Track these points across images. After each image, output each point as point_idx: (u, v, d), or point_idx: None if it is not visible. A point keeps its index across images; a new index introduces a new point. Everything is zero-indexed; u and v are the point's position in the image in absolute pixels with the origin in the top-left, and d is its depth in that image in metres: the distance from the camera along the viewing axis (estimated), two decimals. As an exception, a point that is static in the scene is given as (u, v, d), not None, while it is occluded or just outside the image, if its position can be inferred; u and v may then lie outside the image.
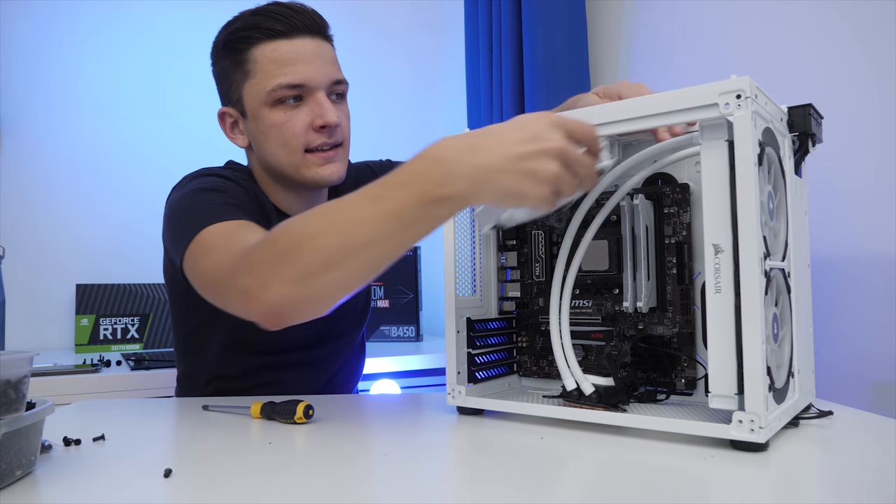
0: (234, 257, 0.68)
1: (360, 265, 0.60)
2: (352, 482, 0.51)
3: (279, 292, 0.61)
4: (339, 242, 0.59)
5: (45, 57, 1.81)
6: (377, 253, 0.59)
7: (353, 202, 0.60)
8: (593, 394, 0.64)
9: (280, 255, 0.61)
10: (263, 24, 0.87)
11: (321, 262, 0.59)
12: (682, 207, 0.70)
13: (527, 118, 0.58)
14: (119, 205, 1.86)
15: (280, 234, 0.63)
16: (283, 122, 0.88)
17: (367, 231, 0.58)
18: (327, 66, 0.90)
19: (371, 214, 0.58)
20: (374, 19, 2.17)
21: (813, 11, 1.08)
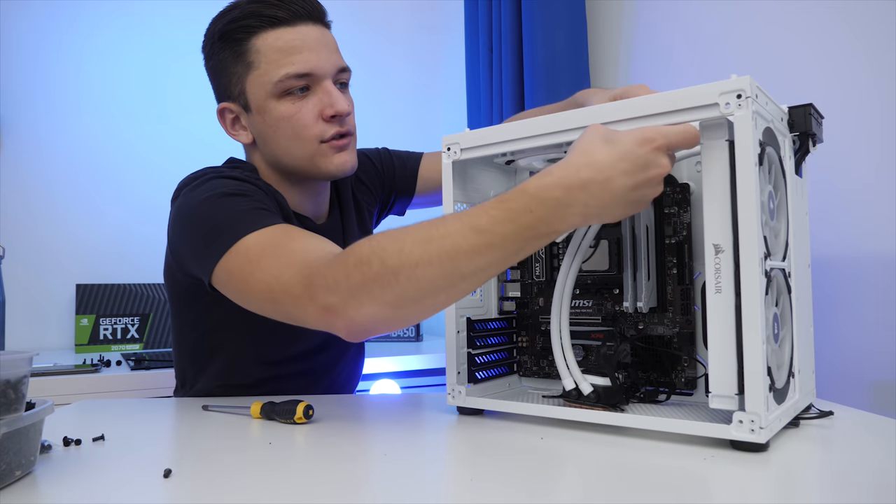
0: (301, 270, 0.66)
1: (460, 291, 0.62)
2: (352, 482, 0.51)
3: (372, 312, 0.61)
4: (442, 273, 0.59)
5: (45, 57, 1.81)
6: (478, 280, 0.61)
7: (456, 232, 0.59)
8: (592, 394, 0.64)
9: (375, 279, 0.60)
10: (264, 11, 0.83)
11: (422, 290, 0.60)
12: (682, 207, 0.70)
13: (626, 140, 0.57)
14: (119, 205, 1.86)
15: (370, 256, 0.61)
16: (292, 114, 0.85)
17: (471, 263, 0.59)
18: (332, 53, 0.87)
19: (475, 247, 0.58)
20: (374, 19, 2.17)
21: (813, 11, 1.08)
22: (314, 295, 0.64)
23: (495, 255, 0.59)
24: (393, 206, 1.13)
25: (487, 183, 0.81)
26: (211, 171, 0.88)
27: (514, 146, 0.68)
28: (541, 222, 0.57)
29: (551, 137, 0.65)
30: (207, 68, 0.91)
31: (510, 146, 0.69)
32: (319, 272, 0.64)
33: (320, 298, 0.63)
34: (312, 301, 0.64)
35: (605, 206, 0.57)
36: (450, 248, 0.59)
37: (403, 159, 1.11)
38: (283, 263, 0.68)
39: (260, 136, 0.89)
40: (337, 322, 0.63)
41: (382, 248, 0.62)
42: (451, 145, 0.73)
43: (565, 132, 0.64)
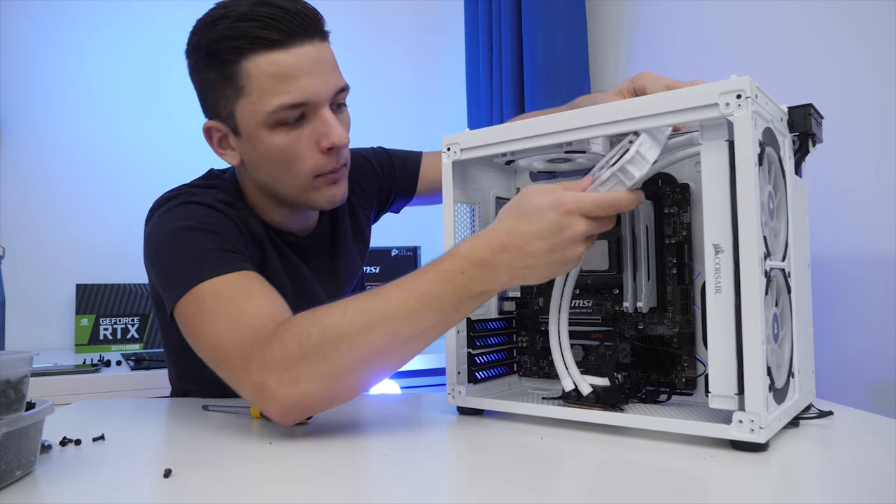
0: (242, 338, 0.65)
1: (402, 356, 0.63)
2: (352, 482, 0.51)
3: (307, 388, 0.61)
4: (384, 339, 0.61)
5: (44, 57, 1.81)
6: (420, 343, 0.63)
7: (396, 298, 0.61)
8: (591, 394, 0.64)
9: (315, 350, 0.60)
10: (256, 32, 0.74)
11: (363, 358, 0.61)
12: (682, 207, 0.70)
13: (539, 206, 0.60)
14: (119, 205, 1.86)
15: (310, 328, 0.61)
16: (286, 146, 0.78)
17: (412, 326, 0.61)
18: (330, 74, 0.79)
19: (414, 311, 0.61)
20: (374, 19, 2.17)
21: (813, 12, 1.08)
22: (248, 369, 0.62)
23: (434, 316, 0.61)
24: (392, 206, 1.12)
25: (487, 183, 0.81)
26: (184, 192, 0.85)
27: (514, 146, 0.68)
28: (473, 282, 0.61)
29: (551, 137, 0.65)
30: (192, 80, 0.83)
31: (510, 146, 0.69)
32: (258, 345, 0.63)
33: (254, 375, 0.62)
34: (245, 375, 0.63)
35: (528, 268, 0.60)
36: (391, 314, 0.61)
37: (403, 159, 1.09)
38: (230, 324, 0.67)
39: (249, 162, 0.83)
40: (266, 402, 0.62)
41: (322, 319, 0.62)
42: (451, 145, 0.73)
43: (565, 132, 0.64)
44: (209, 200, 0.82)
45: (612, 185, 0.60)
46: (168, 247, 0.77)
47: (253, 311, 0.68)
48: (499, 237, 0.61)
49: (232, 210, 0.83)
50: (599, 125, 0.62)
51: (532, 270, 0.61)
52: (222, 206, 0.82)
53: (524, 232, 0.60)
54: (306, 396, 0.61)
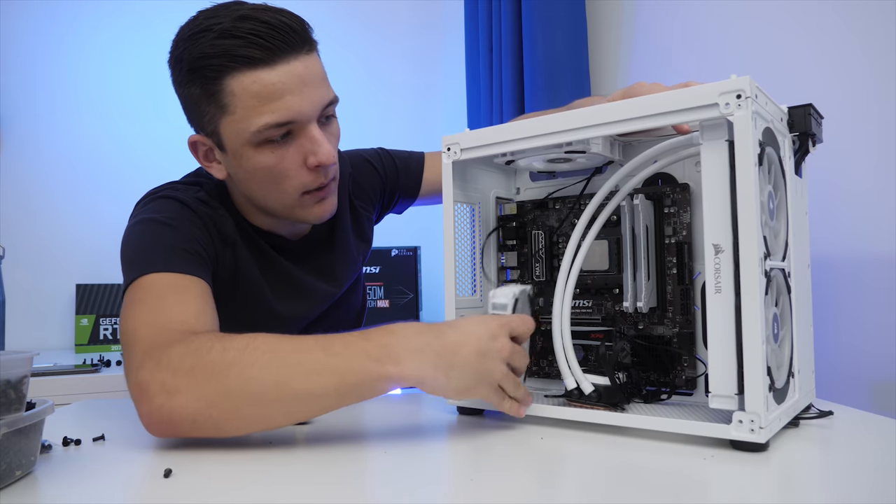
0: (152, 334, 0.64)
1: (281, 413, 0.59)
2: (352, 482, 0.51)
3: (182, 404, 0.58)
4: (273, 382, 0.58)
5: (44, 57, 1.81)
6: (306, 408, 0.60)
7: (307, 348, 0.59)
8: (593, 393, 0.64)
9: (206, 366, 0.58)
10: (238, 51, 0.71)
11: (245, 393, 0.58)
12: (682, 207, 0.70)
13: (475, 319, 0.63)
14: (119, 205, 1.85)
15: (215, 344, 0.60)
16: (272, 164, 0.77)
17: (307, 382, 0.58)
18: (317, 89, 0.76)
19: (316, 365, 0.58)
20: (373, 19, 2.17)
21: (813, 11, 1.08)
22: (143, 365, 0.60)
23: (332, 379, 0.58)
24: (395, 206, 1.12)
25: (487, 183, 0.81)
26: (167, 188, 0.85)
27: (514, 146, 0.68)
28: (388, 357, 0.58)
29: (551, 137, 0.65)
30: (176, 92, 0.80)
31: (510, 146, 0.69)
32: (161, 345, 0.61)
33: (143, 372, 0.60)
34: (137, 371, 0.61)
35: (453, 365, 0.59)
36: (292, 361, 0.58)
37: (405, 160, 1.09)
38: (147, 320, 0.66)
39: (235, 176, 0.82)
40: (142, 405, 0.60)
41: (231, 340, 0.60)
42: (451, 145, 0.73)
43: (565, 132, 0.64)
44: (185, 197, 0.81)
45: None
46: (131, 236, 0.77)
47: (174, 314, 0.67)
48: (439, 328, 0.62)
49: (206, 209, 0.82)
50: (599, 125, 0.62)
51: (456, 370, 0.59)
52: (197, 205, 0.81)
53: (467, 331, 0.62)
54: (176, 410, 0.58)
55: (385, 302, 1.87)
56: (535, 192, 0.83)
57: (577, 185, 0.78)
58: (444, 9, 2.25)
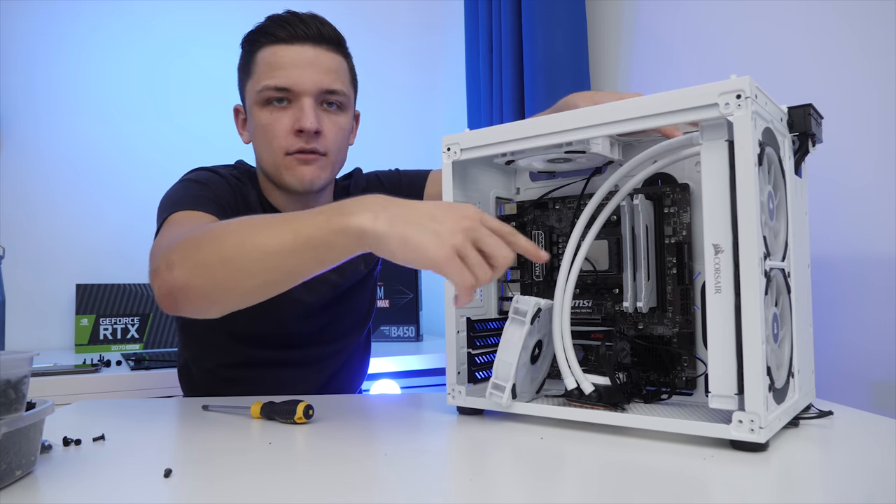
0: (173, 240, 0.71)
1: (251, 271, 0.63)
2: (352, 482, 0.51)
3: (177, 275, 0.65)
4: (238, 242, 0.63)
5: (44, 57, 1.81)
6: (270, 264, 0.62)
7: (271, 218, 0.65)
8: (593, 393, 0.65)
9: (191, 243, 0.66)
10: (270, 29, 0.91)
11: (218, 256, 0.63)
12: (682, 207, 0.70)
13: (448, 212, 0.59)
14: (119, 204, 1.86)
15: (204, 228, 0.68)
16: (268, 123, 0.91)
17: (268, 240, 0.61)
18: (320, 73, 0.91)
19: (278, 229, 0.62)
20: (374, 19, 2.17)
21: (813, 11, 1.08)
22: (155, 256, 0.70)
23: (289, 238, 0.60)
24: None
25: (487, 183, 0.81)
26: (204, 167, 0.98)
27: (514, 146, 0.68)
28: (342, 214, 0.59)
29: (551, 137, 0.65)
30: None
31: (510, 146, 0.69)
32: (176, 240, 0.69)
33: (159, 260, 0.68)
34: (153, 260, 0.70)
35: (402, 218, 0.57)
36: (256, 225, 0.64)
37: (412, 177, 1.13)
38: (174, 234, 0.75)
39: (251, 139, 0.97)
40: (154, 283, 0.68)
41: (216, 223, 0.69)
42: (451, 145, 0.73)
43: (565, 132, 0.64)
44: (220, 169, 0.96)
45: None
46: (170, 191, 0.91)
47: (193, 226, 0.75)
48: (395, 198, 0.60)
49: (236, 182, 0.97)
50: (599, 125, 0.62)
51: (406, 225, 0.56)
52: (228, 176, 0.96)
53: (423, 203, 0.60)
54: (172, 282, 0.65)
55: (385, 302, 1.87)
56: (535, 192, 0.83)
57: (577, 184, 0.78)
58: (444, 9, 2.25)
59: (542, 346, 0.71)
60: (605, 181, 0.69)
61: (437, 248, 0.55)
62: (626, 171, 0.68)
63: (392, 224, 0.57)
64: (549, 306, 0.69)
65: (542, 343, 0.71)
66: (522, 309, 0.67)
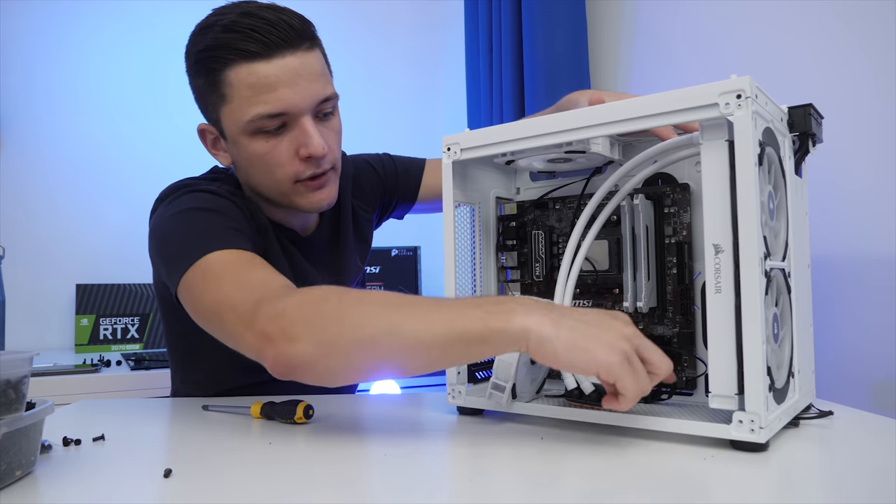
0: (252, 294, 0.65)
1: (392, 359, 0.59)
2: (352, 482, 0.51)
3: (302, 351, 0.59)
4: (380, 328, 0.58)
5: (44, 57, 1.81)
6: (415, 354, 0.58)
7: (416, 301, 0.61)
8: (593, 393, 0.64)
9: (320, 316, 0.60)
10: (237, 44, 0.76)
11: (355, 339, 0.59)
12: (682, 207, 0.70)
13: (610, 321, 0.57)
14: (119, 205, 1.86)
15: (331, 294, 0.62)
16: (266, 152, 0.80)
17: (417, 331, 0.57)
18: (312, 84, 0.79)
19: (428, 318, 0.58)
20: (374, 19, 2.17)
21: (813, 11, 1.08)
22: (256, 318, 0.62)
23: (442, 326, 0.57)
24: (394, 211, 1.12)
25: (487, 183, 0.81)
26: (189, 183, 0.86)
27: (514, 146, 0.68)
28: (500, 310, 0.56)
29: (551, 137, 0.65)
30: (189, 85, 0.87)
31: (510, 146, 0.69)
32: (269, 299, 0.63)
33: (261, 323, 0.62)
34: (253, 324, 0.62)
35: (565, 316, 0.56)
36: (405, 310, 0.59)
37: (407, 165, 1.09)
38: (238, 286, 0.67)
39: (237, 164, 0.87)
40: (267, 351, 0.61)
41: (346, 292, 0.62)
42: (451, 145, 0.73)
43: (565, 132, 0.64)
44: (215, 189, 0.84)
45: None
46: (175, 228, 0.78)
47: (263, 277, 0.69)
48: (561, 307, 0.58)
49: (238, 199, 0.85)
50: (599, 125, 0.62)
51: (569, 321, 0.55)
52: (228, 195, 0.84)
53: (578, 310, 0.58)
54: (297, 358, 0.60)
55: (385, 302, 1.87)
56: (535, 192, 0.83)
57: (577, 184, 0.78)
58: (444, 9, 2.25)
59: None
60: (605, 181, 0.69)
61: (608, 354, 0.53)
62: (626, 171, 0.68)
63: (558, 328, 0.55)
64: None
65: None
66: None
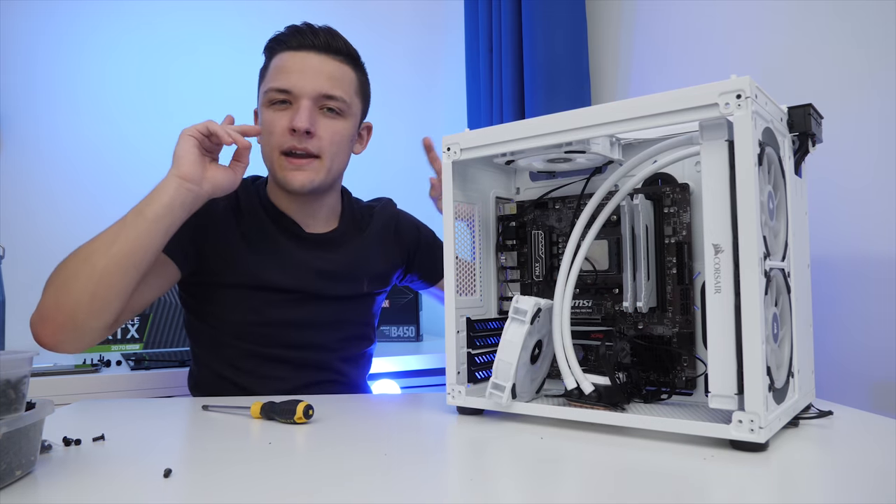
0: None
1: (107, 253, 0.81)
2: (351, 482, 0.51)
3: (44, 303, 0.84)
4: (91, 250, 0.83)
5: (44, 57, 1.81)
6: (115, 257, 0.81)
7: (111, 228, 0.85)
8: (593, 393, 0.65)
9: (53, 273, 0.84)
10: (283, 37, 0.98)
11: (79, 259, 0.82)
12: (682, 207, 0.70)
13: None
14: (119, 205, 1.84)
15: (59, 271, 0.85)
16: (268, 121, 0.97)
17: (110, 234, 0.83)
18: (320, 79, 0.95)
19: (113, 227, 0.84)
20: (374, 18, 2.17)
21: (813, 11, 1.08)
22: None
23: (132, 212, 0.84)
24: (412, 282, 1.20)
25: (487, 183, 0.81)
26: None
27: (514, 146, 0.68)
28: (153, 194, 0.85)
29: (551, 137, 0.66)
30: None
31: (510, 146, 0.69)
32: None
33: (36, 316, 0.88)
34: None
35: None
36: (100, 234, 0.84)
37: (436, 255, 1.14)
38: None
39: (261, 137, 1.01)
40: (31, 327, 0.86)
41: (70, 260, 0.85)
42: (451, 145, 0.73)
43: (565, 132, 0.64)
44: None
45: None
46: None
47: None
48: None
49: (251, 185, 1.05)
50: (599, 125, 0.62)
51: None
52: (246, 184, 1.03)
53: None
54: (44, 308, 0.83)
55: (385, 302, 1.87)
56: (535, 192, 0.83)
57: (577, 184, 0.78)
58: (444, 9, 2.25)
59: (542, 346, 0.71)
60: (605, 181, 0.69)
61: (188, 143, 0.86)
62: (626, 171, 0.68)
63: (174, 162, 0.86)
64: (549, 306, 0.69)
65: (542, 343, 0.71)
66: (522, 309, 0.67)
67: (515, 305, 0.68)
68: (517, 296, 0.69)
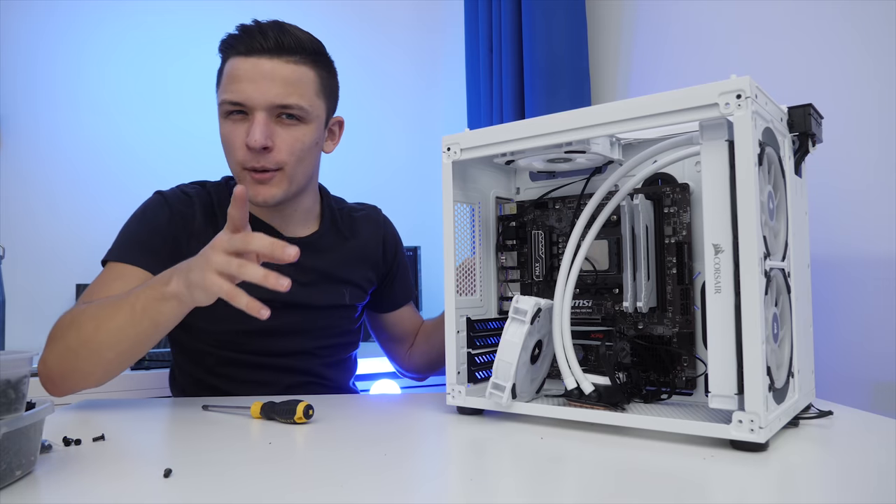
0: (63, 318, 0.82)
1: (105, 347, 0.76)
2: (351, 482, 0.51)
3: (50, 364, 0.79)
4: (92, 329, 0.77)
5: (44, 57, 1.81)
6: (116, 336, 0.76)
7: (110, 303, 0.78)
8: (593, 393, 0.65)
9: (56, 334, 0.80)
10: (231, 41, 0.91)
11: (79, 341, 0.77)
12: (682, 207, 0.70)
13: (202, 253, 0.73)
14: (119, 204, 1.85)
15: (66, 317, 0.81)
16: (226, 135, 0.92)
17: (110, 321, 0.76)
18: (273, 87, 0.88)
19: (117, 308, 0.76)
20: (374, 18, 2.17)
21: (813, 11, 1.08)
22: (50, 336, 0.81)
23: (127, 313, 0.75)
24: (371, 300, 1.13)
25: (487, 183, 0.81)
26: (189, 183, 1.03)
27: (514, 146, 0.68)
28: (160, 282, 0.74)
29: (551, 137, 0.65)
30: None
31: (510, 146, 0.69)
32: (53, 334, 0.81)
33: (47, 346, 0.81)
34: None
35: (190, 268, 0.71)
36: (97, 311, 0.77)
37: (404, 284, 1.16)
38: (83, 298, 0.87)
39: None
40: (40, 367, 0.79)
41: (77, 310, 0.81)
42: (451, 145, 0.73)
43: (565, 132, 0.64)
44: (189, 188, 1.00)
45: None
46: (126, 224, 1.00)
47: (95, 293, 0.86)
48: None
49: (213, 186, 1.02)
50: (599, 125, 0.62)
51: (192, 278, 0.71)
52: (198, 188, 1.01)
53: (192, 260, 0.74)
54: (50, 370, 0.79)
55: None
56: (535, 192, 0.83)
57: (577, 184, 0.78)
58: (444, 9, 2.25)
59: (542, 346, 0.71)
60: (605, 181, 0.69)
61: (210, 277, 0.69)
62: (626, 171, 0.68)
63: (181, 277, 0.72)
64: (549, 306, 0.69)
65: (542, 343, 0.71)
66: (522, 309, 0.67)
67: (515, 305, 0.68)
68: (517, 296, 0.69)
